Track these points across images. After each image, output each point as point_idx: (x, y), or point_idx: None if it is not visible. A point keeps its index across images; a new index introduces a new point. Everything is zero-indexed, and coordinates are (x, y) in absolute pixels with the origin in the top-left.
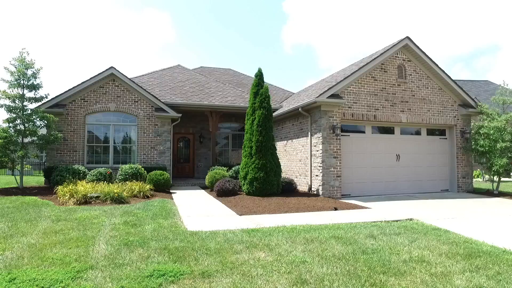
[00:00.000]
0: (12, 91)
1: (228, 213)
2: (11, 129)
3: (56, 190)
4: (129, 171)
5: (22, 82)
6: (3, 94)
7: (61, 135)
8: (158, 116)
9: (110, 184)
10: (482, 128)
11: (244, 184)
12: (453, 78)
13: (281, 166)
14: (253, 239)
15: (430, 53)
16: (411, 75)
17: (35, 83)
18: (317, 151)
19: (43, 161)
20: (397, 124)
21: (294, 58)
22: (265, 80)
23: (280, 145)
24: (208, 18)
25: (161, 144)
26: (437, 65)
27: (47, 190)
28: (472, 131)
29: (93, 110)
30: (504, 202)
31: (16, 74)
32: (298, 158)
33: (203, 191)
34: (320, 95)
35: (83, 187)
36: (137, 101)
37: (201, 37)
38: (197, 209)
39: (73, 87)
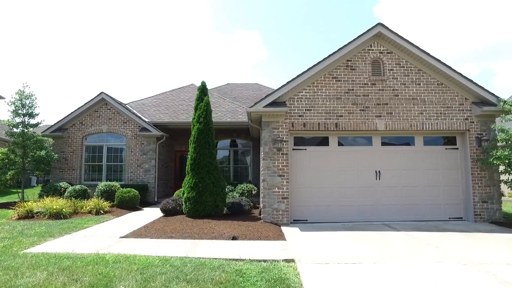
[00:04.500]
0: (14, 119)
1: (119, 234)
2: (10, 151)
3: None
4: (102, 188)
5: (20, 111)
6: (6, 123)
7: (57, 156)
8: (143, 136)
9: (84, 200)
10: (501, 133)
11: (183, 204)
12: None
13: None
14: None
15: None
16: (392, 70)
17: (34, 112)
18: (261, 168)
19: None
20: (374, 133)
21: None
22: None
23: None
24: (296, 33)
25: (146, 162)
26: (428, 54)
27: None
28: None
29: (89, 132)
30: None
31: (14, 105)
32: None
33: None
34: (255, 104)
35: (37, 202)
36: (126, 122)
37: (289, 53)
38: (107, 229)
39: (72, 112)
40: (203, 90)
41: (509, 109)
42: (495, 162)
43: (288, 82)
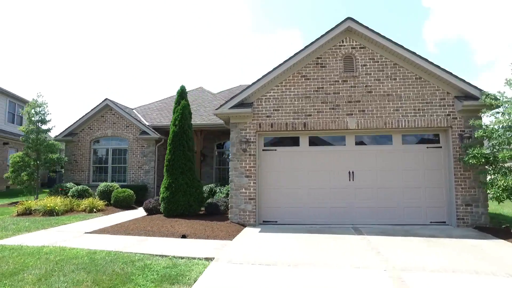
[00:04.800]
0: (29, 126)
1: (88, 230)
2: (24, 155)
3: None
4: (101, 188)
5: (33, 118)
6: (23, 129)
7: (67, 159)
8: (143, 139)
9: (83, 199)
10: (480, 130)
11: (161, 203)
12: None
13: None
14: None
15: None
16: (365, 65)
17: (45, 118)
18: (229, 169)
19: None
20: (346, 132)
21: (440, 57)
22: None
23: None
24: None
25: (146, 164)
26: (402, 47)
27: None
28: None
29: (96, 136)
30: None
31: (29, 113)
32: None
33: None
34: (221, 106)
35: (36, 201)
36: (128, 126)
37: None
38: (83, 226)
39: (81, 118)
40: (181, 94)
41: (490, 103)
42: (471, 161)
43: (253, 83)
